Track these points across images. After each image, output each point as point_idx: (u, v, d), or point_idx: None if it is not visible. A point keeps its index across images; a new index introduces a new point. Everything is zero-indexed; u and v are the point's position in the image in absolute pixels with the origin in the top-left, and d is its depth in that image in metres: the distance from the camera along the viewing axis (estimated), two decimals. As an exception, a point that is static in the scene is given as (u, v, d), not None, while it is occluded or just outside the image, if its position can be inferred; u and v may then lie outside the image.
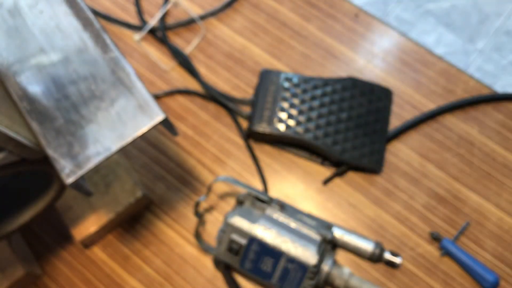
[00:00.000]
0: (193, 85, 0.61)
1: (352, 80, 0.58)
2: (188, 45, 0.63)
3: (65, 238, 0.54)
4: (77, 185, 0.37)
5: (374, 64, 0.62)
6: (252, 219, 0.49)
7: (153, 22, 0.63)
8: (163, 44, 0.63)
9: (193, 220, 0.55)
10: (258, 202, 0.52)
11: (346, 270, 0.49)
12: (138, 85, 0.38)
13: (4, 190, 0.44)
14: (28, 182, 0.44)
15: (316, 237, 0.49)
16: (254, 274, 0.49)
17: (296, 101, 0.57)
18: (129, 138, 0.37)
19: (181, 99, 0.60)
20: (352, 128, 0.56)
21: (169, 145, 0.58)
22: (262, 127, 0.56)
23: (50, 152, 0.36)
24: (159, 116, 0.38)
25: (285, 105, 0.56)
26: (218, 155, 0.58)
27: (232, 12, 0.65)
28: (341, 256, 0.53)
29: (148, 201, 0.54)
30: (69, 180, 0.36)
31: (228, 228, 0.49)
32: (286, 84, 0.57)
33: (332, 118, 0.56)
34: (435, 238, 0.53)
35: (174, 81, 0.61)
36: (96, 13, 0.65)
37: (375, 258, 0.52)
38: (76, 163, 0.36)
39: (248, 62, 0.62)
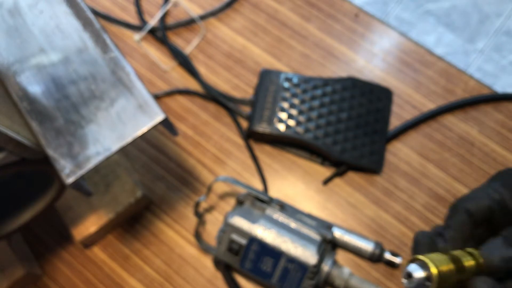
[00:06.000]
0: (193, 85, 0.61)
1: (352, 80, 0.58)
2: (188, 45, 0.63)
3: (65, 238, 0.54)
4: (77, 185, 0.37)
5: (374, 64, 0.62)
6: (252, 219, 0.49)
7: (153, 22, 0.63)
8: (163, 44, 0.63)
9: (193, 220, 0.55)
10: (258, 202, 0.52)
11: (346, 270, 0.49)
12: (138, 85, 0.39)
13: (4, 190, 0.44)
14: (28, 182, 0.44)
15: (316, 237, 0.49)
16: (254, 274, 0.49)
17: (296, 101, 0.57)
18: (129, 138, 0.37)
19: (181, 99, 0.60)
20: (352, 128, 0.56)
21: (169, 145, 0.58)
22: (262, 127, 0.56)
23: (50, 152, 0.36)
24: (159, 116, 0.38)
25: (285, 105, 0.56)
26: (218, 155, 0.58)
27: (232, 12, 0.65)
28: (341, 256, 0.53)
29: (148, 201, 0.54)
30: (69, 180, 0.36)
31: (228, 228, 0.49)
32: (286, 84, 0.57)
33: (332, 118, 0.56)
34: (435, 238, 0.53)
35: (174, 81, 0.61)
36: (96, 13, 0.65)
37: (375, 258, 0.52)
38: (76, 163, 0.36)
39: (248, 62, 0.62)
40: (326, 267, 0.49)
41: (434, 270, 0.26)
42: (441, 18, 1.48)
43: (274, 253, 0.48)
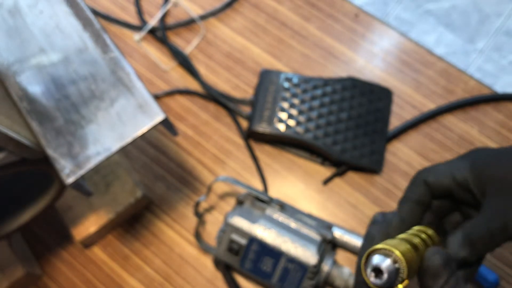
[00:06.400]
0: (193, 85, 0.61)
1: (352, 80, 0.58)
2: (188, 45, 0.63)
3: (65, 238, 0.54)
4: (77, 185, 0.37)
5: (374, 64, 0.62)
6: (252, 219, 0.49)
7: (153, 22, 0.63)
8: (163, 44, 0.63)
9: (193, 220, 0.55)
10: (258, 202, 0.52)
11: (346, 270, 0.49)
12: (138, 85, 0.39)
13: (5, 190, 0.44)
14: (28, 182, 0.44)
15: (316, 237, 0.49)
16: (254, 274, 0.49)
17: (296, 101, 0.57)
18: (129, 138, 0.37)
19: (181, 99, 0.60)
20: (352, 128, 0.56)
21: (169, 145, 0.58)
22: (262, 127, 0.56)
23: (50, 152, 0.36)
24: (159, 116, 0.38)
25: (285, 105, 0.56)
26: (218, 155, 0.58)
27: (232, 12, 0.65)
28: (341, 256, 0.53)
29: (148, 201, 0.54)
30: (69, 180, 0.36)
31: (228, 228, 0.49)
32: (286, 84, 0.57)
33: (332, 118, 0.56)
34: (435, 238, 0.53)
35: (174, 81, 0.61)
36: (96, 13, 0.65)
37: (375, 258, 0.52)
38: (76, 163, 0.36)
39: (248, 62, 0.62)
40: (326, 267, 0.49)
41: (397, 252, 0.25)
42: (441, 18, 1.48)
43: (274, 253, 0.48)
